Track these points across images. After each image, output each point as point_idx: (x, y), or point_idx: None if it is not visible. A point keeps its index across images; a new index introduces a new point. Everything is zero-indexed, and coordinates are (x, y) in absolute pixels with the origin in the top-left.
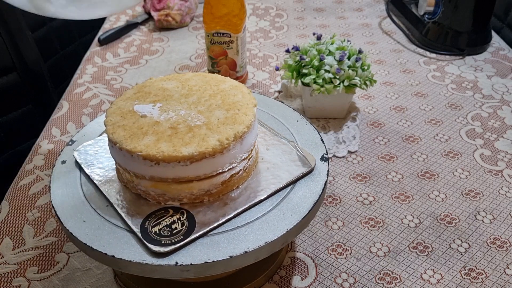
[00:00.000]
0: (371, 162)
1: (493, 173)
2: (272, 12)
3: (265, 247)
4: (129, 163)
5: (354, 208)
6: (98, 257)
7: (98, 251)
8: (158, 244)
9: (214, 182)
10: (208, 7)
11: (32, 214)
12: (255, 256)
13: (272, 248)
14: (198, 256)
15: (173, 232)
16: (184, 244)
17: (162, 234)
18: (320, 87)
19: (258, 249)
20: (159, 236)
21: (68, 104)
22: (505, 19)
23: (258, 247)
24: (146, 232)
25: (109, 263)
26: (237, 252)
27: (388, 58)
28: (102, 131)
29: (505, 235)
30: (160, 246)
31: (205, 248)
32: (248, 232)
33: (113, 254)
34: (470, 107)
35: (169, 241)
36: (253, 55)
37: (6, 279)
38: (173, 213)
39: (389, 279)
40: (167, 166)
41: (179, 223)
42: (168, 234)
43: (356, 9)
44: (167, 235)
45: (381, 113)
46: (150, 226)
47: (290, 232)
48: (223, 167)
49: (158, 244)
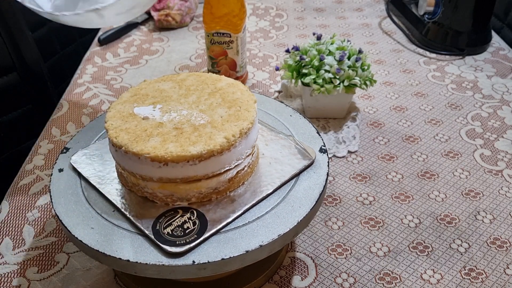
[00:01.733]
0: (371, 162)
1: (493, 173)
2: (272, 12)
3: (278, 239)
4: (136, 166)
5: (354, 208)
6: (112, 263)
7: (112, 256)
8: (172, 244)
9: (221, 180)
10: (208, 7)
11: (32, 214)
12: (270, 249)
13: (285, 240)
14: (214, 253)
15: (186, 232)
16: (199, 243)
17: (175, 234)
18: (320, 87)
19: (272, 242)
20: (173, 237)
21: (68, 104)
22: (505, 19)
23: (272, 240)
24: (159, 234)
25: (124, 268)
26: (252, 246)
27: (388, 58)
28: (98, 136)
29: (505, 235)
30: (175, 246)
31: (220, 245)
32: (260, 227)
33: (128, 258)
34: (470, 107)
35: (183, 241)
36: (253, 55)
37: (6, 279)
38: (182, 213)
39: (389, 279)
40: (176, 167)
41: (190, 222)
42: (182, 234)
43: (356, 9)
44: (180, 235)
45: (381, 113)
46: (162, 227)
47: (300, 223)
48: (230, 164)
49: (173, 244)
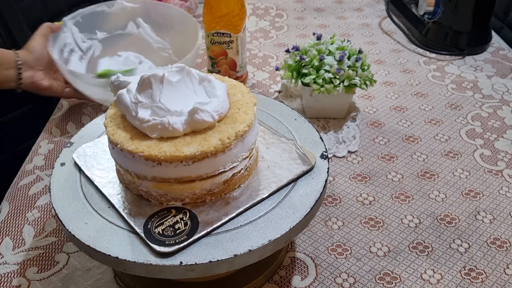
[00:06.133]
0: (371, 162)
1: (493, 173)
2: (272, 12)
3: (269, 245)
4: (131, 164)
5: (354, 208)
6: (101, 259)
7: (101, 252)
8: (162, 244)
9: (216, 182)
10: (208, 7)
11: (32, 214)
12: (259, 254)
13: (276, 246)
14: (202, 255)
15: (177, 232)
16: (188, 244)
17: (166, 234)
18: (320, 87)
19: (262, 247)
20: (163, 236)
21: (68, 104)
22: (505, 19)
23: (262, 245)
24: (150, 233)
25: (113, 265)
26: (241, 250)
27: (388, 58)
28: (102, 132)
29: (505, 235)
30: (164, 246)
31: (209, 247)
32: (251, 231)
33: (117, 256)
34: (470, 107)
35: (172, 241)
36: (253, 55)
37: (6, 279)
38: (175, 213)
39: (389, 279)
40: (169, 166)
41: (182, 223)
42: (172, 234)
43: (356, 9)
44: (170, 235)
45: (381, 113)
46: (153, 226)
47: (293, 230)
48: (225, 166)
49: (162, 244)
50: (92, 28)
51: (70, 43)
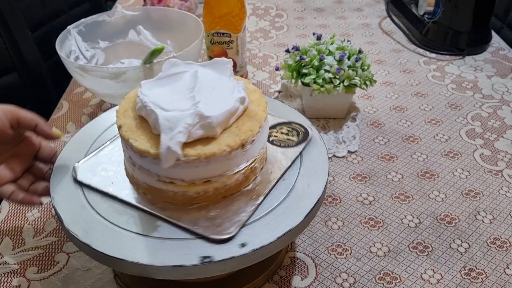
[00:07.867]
0: (371, 162)
1: (493, 173)
2: (272, 12)
3: (268, 246)
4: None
5: (354, 208)
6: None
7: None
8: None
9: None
10: (208, 7)
11: (32, 214)
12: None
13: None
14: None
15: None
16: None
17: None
18: (320, 87)
19: (260, 249)
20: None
21: (68, 104)
22: (505, 19)
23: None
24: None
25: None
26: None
27: (388, 58)
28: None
29: (505, 235)
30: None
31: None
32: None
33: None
34: (470, 107)
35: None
36: (253, 55)
37: (6, 279)
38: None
39: (389, 279)
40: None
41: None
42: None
43: (356, 9)
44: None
45: (381, 113)
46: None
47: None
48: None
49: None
50: (94, 37)
51: (75, 51)
